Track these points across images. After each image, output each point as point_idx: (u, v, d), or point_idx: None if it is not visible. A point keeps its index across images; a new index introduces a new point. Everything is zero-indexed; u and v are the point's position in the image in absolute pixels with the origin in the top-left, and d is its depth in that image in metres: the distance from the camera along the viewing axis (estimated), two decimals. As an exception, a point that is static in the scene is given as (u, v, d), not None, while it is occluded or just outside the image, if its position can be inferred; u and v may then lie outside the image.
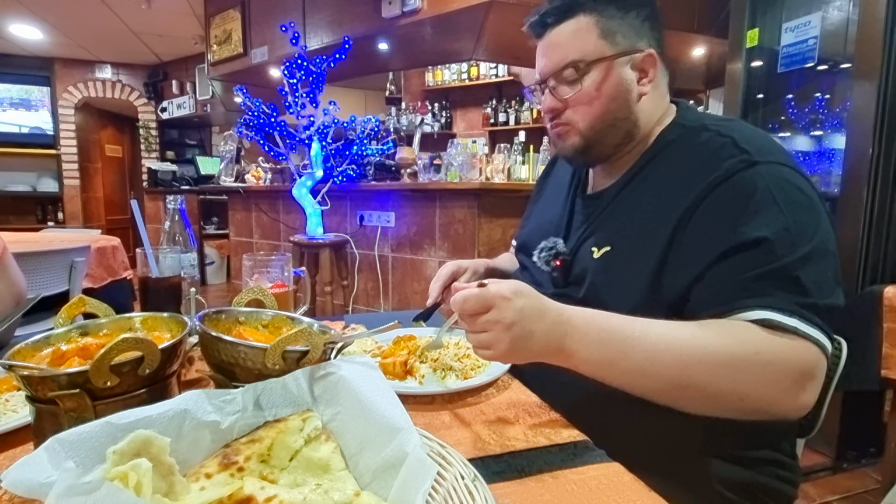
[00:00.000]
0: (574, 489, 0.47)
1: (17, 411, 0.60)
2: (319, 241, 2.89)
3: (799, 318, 0.58)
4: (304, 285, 1.01)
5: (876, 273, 1.83)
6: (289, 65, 2.77)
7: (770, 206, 0.62)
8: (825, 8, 2.10)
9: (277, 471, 0.41)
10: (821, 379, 0.60)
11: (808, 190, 0.65)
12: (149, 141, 6.49)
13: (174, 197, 0.99)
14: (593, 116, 0.78)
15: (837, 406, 1.89)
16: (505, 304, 0.56)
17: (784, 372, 0.58)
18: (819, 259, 0.61)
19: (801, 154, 2.34)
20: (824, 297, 0.60)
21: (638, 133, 0.80)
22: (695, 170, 0.69)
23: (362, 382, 0.45)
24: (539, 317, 0.58)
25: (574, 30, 0.77)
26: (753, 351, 0.57)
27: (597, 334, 0.59)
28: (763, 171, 0.64)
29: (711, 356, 0.57)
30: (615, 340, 0.59)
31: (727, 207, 0.64)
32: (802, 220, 0.62)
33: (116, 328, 0.57)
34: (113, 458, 0.35)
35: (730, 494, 0.68)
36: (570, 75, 0.77)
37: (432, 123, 5.54)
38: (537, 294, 0.59)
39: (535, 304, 0.58)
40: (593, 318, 0.60)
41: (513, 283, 0.58)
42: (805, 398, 0.59)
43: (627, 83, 0.77)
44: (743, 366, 0.57)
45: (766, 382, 0.58)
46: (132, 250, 1.19)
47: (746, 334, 0.58)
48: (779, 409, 0.59)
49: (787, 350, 0.58)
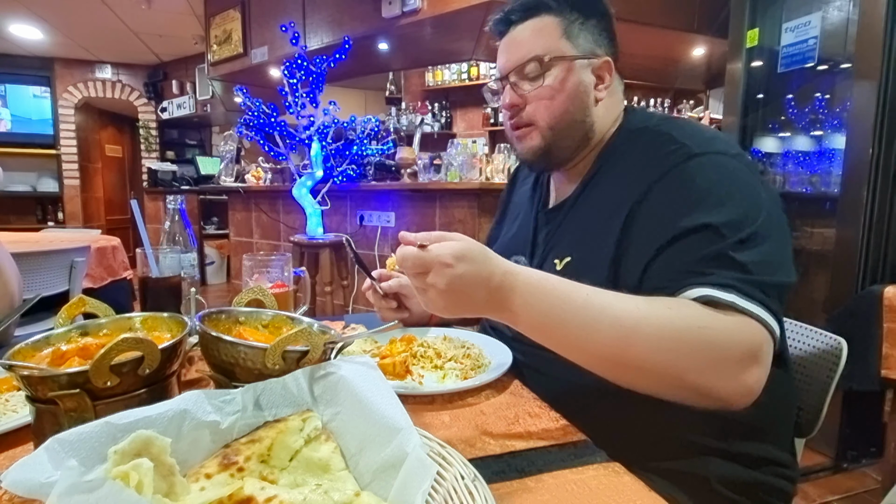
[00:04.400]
0: (574, 489, 0.47)
1: (17, 411, 0.60)
2: (319, 241, 2.89)
3: (737, 294, 0.57)
4: (304, 285, 1.01)
5: (876, 273, 1.83)
6: (289, 65, 2.77)
7: (708, 195, 0.63)
8: (825, 8, 2.10)
9: (277, 471, 0.41)
10: (766, 362, 0.59)
11: (747, 177, 0.66)
12: (149, 141, 6.50)
13: (174, 197, 0.98)
14: (553, 114, 0.78)
15: (837, 406, 1.89)
16: (443, 269, 0.56)
17: (726, 350, 0.57)
18: (762, 240, 0.61)
19: (801, 154, 2.34)
20: (768, 275, 0.60)
21: (594, 137, 0.81)
22: (638, 169, 0.71)
23: (362, 382, 0.45)
24: (481, 283, 0.57)
25: (538, 28, 0.78)
26: (697, 326, 0.56)
27: (539, 302, 0.58)
28: (702, 162, 0.66)
29: (653, 329, 0.56)
30: (557, 308, 0.58)
31: (668, 201, 0.66)
32: (743, 206, 0.62)
33: (116, 328, 0.57)
34: (114, 458, 0.35)
35: (729, 493, 0.68)
36: (532, 70, 0.78)
37: (432, 123, 5.54)
38: (485, 257, 0.57)
39: (478, 271, 0.57)
40: (539, 285, 0.59)
41: (457, 247, 0.57)
42: (748, 380, 0.57)
43: (586, 86, 0.79)
44: (685, 341, 0.56)
45: (707, 359, 0.56)
46: (132, 250, 1.19)
47: (690, 310, 0.58)
48: (721, 391, 0.57)
49: (731, 328, 0.57)
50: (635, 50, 3.72)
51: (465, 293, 0.57)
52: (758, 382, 0.58)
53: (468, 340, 0.84)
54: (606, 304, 0.58)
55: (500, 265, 0.58)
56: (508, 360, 0.76)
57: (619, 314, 0.57)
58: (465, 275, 0.56)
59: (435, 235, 0.59)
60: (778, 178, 2.42)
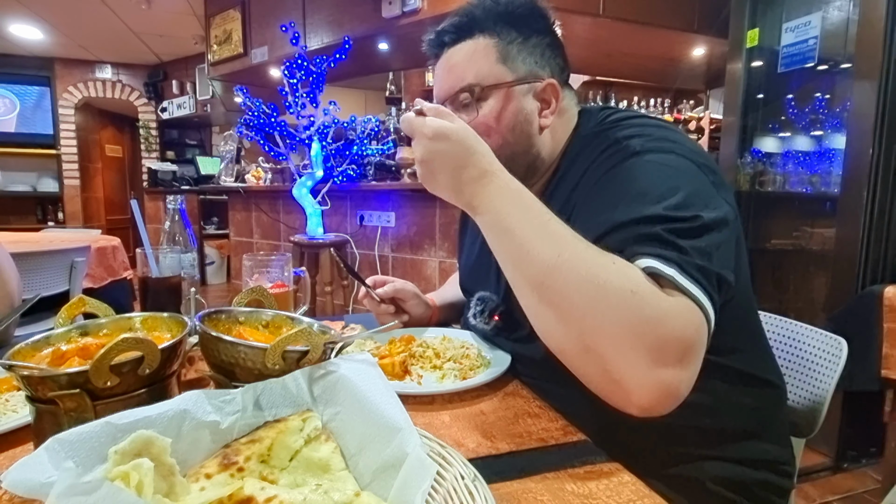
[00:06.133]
0: (574, 489, 0.47)
1: (17, 411, 0.60)
2: (319, 241, 2.89)
3: (678, 270, 0.52)
4: (304, 285, 1.01)
5: (876, 273, 1.83)
6: (289, 65, 2.77)
7: (647, 189, 0.59)
8: (825, 8, 2.10)
9: (277, 471, 0.41)
10: (693, 362, 0.52)
11: (691, 173, 0.61)
12: (149, 141, 6.50)
13: (174, 197, 0.99)
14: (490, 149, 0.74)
15: (837, 406, 1.89)
16: (422, 139, 0.58)
17: (651, 328, 0.50)
18: (705, 231, 0.56)
19: (801, 154, 2.34)
20: (707, 261, 0.54)
21: (542, 165, 0.76)
22: (586, 174, 0.68)
23: (362, 381, 0.45)
24: (452, 168, 0.57)
25: (471, 51, 0.72)
26: (629, 289, 0.50)
27: (502, 205, 0.57)
28: (644, 159, 0.62)
29: (585, 269, 0.52)
30: (514, 216, 0.56)
31: (608, 194, 0.62)
32: (686, 198, 0.57)
33: (116, 328, 0.57)
34: (114, 458, 0.35)
35: (728, 493, 0.68)
36: (465, 99, 0.72)
37: (432, 123, 5.53)
38: (466, 147, 0.57)
39: (453, 154, 0.57)
40: (510, 195, 0.58)
41: (443, 125, 0.57)
42: (665, 377, 0.50)
43: (528, 114, 0.73)
44: (610, 295, 0.50)
45: (625, 328, 0.50)
46: (132, 250, 1.19)
47: (631, 272, 0.52)
48: (630, 379, 0.50)
49: (665, 307, 0.51)
50: (635, 50, 3.72)
51: (436, 170, 0.58)
52: (677, 384, 0.50)
53: (467, 340, 0.84)
54: (558, 232, 0.55)
55: (479, 162, 0.58)
56: (507, 360, 0.76)
57: (562, 242, 0.54)
58: (438, 151, 0.57)
59: (440, 109, 0.59)
60: (778, 178, 2.43)
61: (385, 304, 0.94)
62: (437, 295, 1.05)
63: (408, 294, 0.95)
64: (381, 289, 0.94)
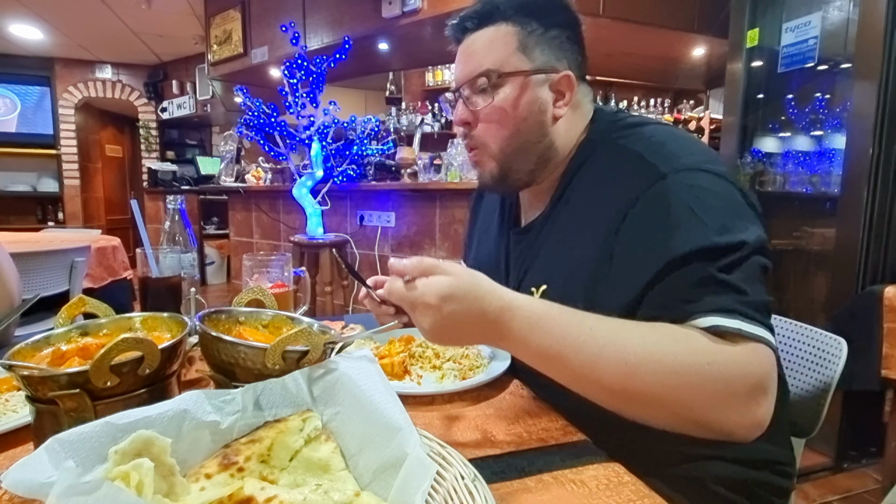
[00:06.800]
0: (574, 489, 0.47)
1: (17, 411, 0.60)
2: (319, 241, 2.89)
3: (741, 319, 0.55)
4: (304, 285, 1.01)
5: (876, 273, 1.83)
6: (289, 65, 2.77)
7: (688, 216, 0.60)
8: (825, 8, 2.10)
9: (277, 471, 0.41)
10: (773, 389, 0.57)
11: (723, 188, 0.63)
12: (149, 141, 6.50)
13: (174, 197, 0.99)
14: (503, 137, 0.74)
15: (837, 406, 1.89)
16: (427, 310, 0.53)
17: (735, 385, 0.55)
18: (744, 259, 0.59)
19: (801, 154, 2.34)
20: (759, 294, 0.58)
21: (555, 157, 0.77)
22: (608, 193, 0.68)
23: (362, 381, 0.45)
24: (471, 321, 0.54)
25: (492, 38, 0.74)
26: (705, 362, 0.54)
27: (539, 338, 0.55)
28: (673, 182, 0.62)
29: (659, 365, 0.54)
30: (558, 344, 0.55)
31: (647, 228, 0.62)
32: (724, 223, 0.59)
33: (116, 328, 0.57)
34: (115, 458, 0.35)
35: (728, 493, 0.68)
36: (483, 85, 0.73)
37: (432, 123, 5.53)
38: (475, 295, 0.54)
39: (467, 309, 0.53)
40: (540, 321, 0.55)
41: (443, 287, 0.53)
42: (757, 413, 0.55)
43: (543, 103, 0.74)
44: (692, 377, 0.54)
45: (715, 395, 0.54)
46: (132, 250, 1.19)
47: (698, 343, 0.55)
48: (730, 425, 0.56)
49: (739, 360, 0.55)
50: (635, 50, 3.72)
51: (455, 331, 0.54)
52: (766, 414, 0.56)
53: (468, 340, 0.84)
54: (610, 338, 0.55)
55: (493, 301, 0.54)
56: (507, 360, 0.76)
57: (623, 348, 0.54)
58: (452, 314, 0.53)
59: (425, 266, 0.55)
60: (778, 178, 2.43)
61: (385, 305, 0.94)
62: None
63: None
64: (382, 289, 0.94)
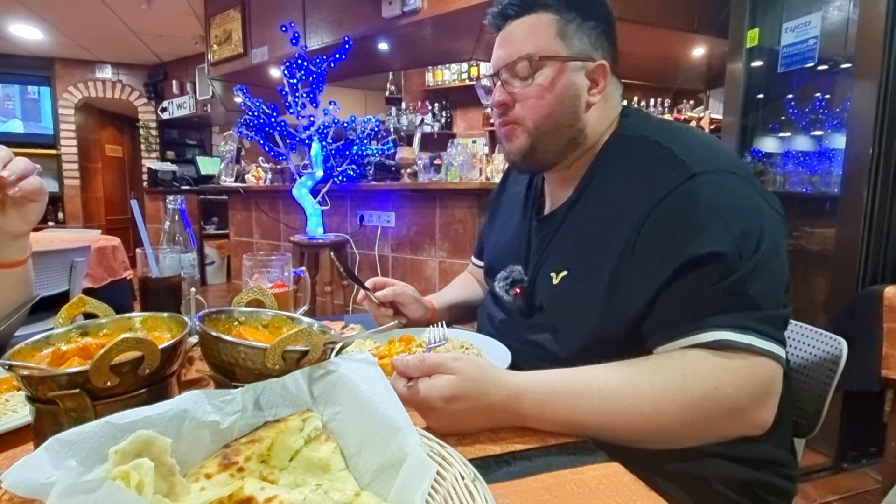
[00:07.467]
0: (574, 489, 0.47)
1: (17, 411, 0.60)
2: (319, 241, 2.89)
3: (753, 334, 0.58)
4: (304, 285, 1.01)
5: (876, 273, 1.83)
6: (289, 65, 2.77)
7: (713, 219, 0.62)
8: (825, 8, 2.10)
9: (277, 471, 0.41)
10: (778, 391, 0.61)
11: (751, 196, 0.64)
12: (149, 141, 6.50)
13: (174, 197, 0.98)
14: (540, 114, 0.77)
15: (837, 406, 1.89)
16: (432, 412, 0.55)
17: (744, 400, 0.59)
18: (766, 268, 0.61)
19: (801, 154, 2.34)
20: (775, 307, 0.61)
21: (584, 142, 0.79)
22: (637, 186, 0.69)
23: (361, 381, 0.45)
24: (479, 415, 0.56)
25: (533, 25, 0.77)
26: (713, 387, 0.58)
27: (552, 414, 0.58)
28: (702, 183, 0.64)
29: (672, 406, 0.58)
30: (571, 415, 0.58)
31: (671, 225, 0.64)
32: (747, 230, 0.61)
33: (116, 328, 0.57)
34: (115, 458, 0.35)
35: (729, 493, 0.68)
36: (522, 69, 0.77)
37: (432, 123, 5.54)
38: (480, 391, 0.56)
39: (474, 406, 0.55)
40: (549, 399, 0.58)
41: (447, 390, 0.55)
42: (765, 415, 0.61)
43: (577, 89, 0.77)
44: (706, 402, 0.58)
45: (728, 412, 0.59)
46: (132, 250, 1.19)
47: (703, 369, 0.59)
48: (741, 431, 0.61)
49: (746, 373, 0.59)
50: (635, 50, 3.72)
51: (462, 424, 0.57)
52: (770, 414, 0.61)
53: (467, 340, 0.84)
54: (621, 394, 0.58)
55: (500, 392, 0.56)
56: (507, 359, 0.76)
57: (636, 400, 0.58)
58: (458, 412, 0.55)
59: (428, 366, 0.56)
60: (778, 178, 2.43)
61: (384, 306, 0.95)
62: (436, 297, 1.06)
63: (407, 298, 0.96)
64: (381, 292, 0.94)
